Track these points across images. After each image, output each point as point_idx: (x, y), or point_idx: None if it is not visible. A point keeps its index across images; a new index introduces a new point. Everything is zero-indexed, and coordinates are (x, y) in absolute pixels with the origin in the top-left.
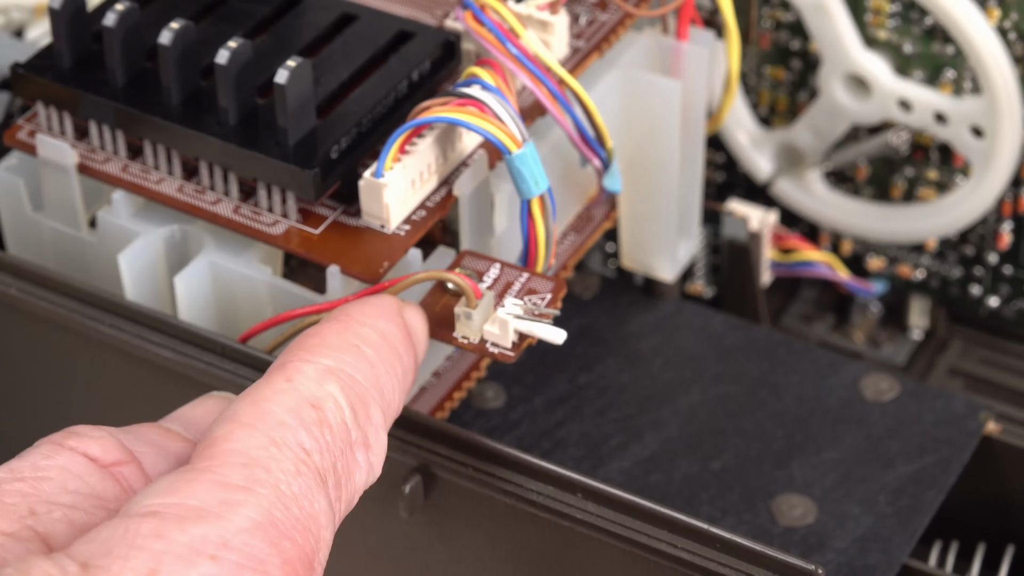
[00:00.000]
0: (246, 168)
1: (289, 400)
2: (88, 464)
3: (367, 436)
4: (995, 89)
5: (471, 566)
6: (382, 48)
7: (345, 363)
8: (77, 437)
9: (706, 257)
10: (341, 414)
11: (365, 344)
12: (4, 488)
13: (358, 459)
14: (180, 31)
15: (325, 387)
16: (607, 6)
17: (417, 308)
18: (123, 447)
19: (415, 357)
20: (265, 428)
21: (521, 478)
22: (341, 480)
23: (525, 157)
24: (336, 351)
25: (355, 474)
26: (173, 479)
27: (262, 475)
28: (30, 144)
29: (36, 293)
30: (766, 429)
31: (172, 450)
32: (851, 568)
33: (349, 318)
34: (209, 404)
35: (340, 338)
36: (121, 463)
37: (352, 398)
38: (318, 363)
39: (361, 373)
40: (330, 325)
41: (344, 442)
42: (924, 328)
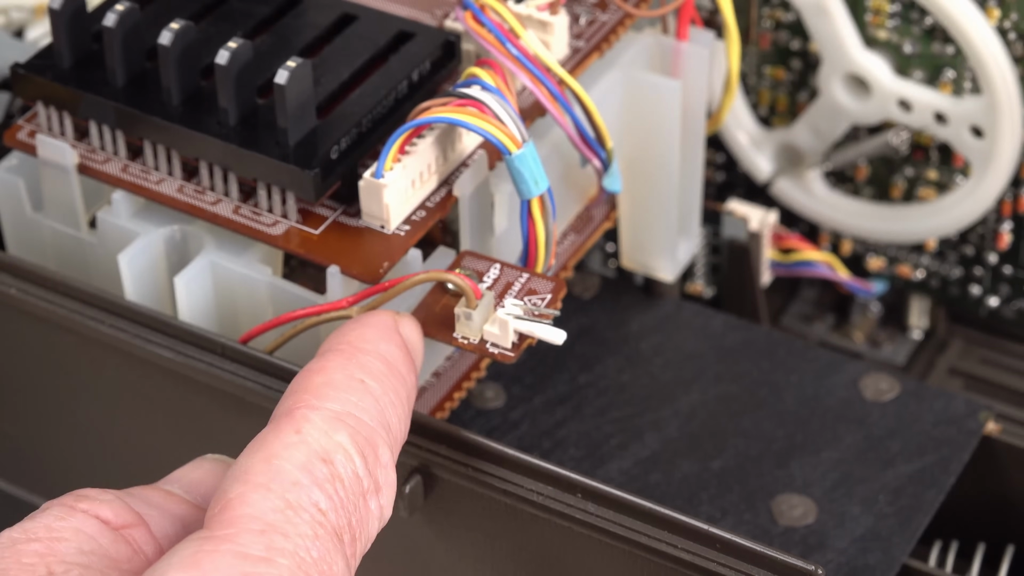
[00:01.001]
0: (246, 168)
1: (300, 455)
2: (100, 526)
3: (377, 481)
4: (995, 89)
5: (471, 566)
6: (382, 48)
7: (351, 404)
8: (88, 500)
9: (706, 257)
10: (352, 465)
11: (369, 376)
12: (20, 548)
13: (371, 507)
14: (180, 31)
15: (334, 437)
16: (607, 6)
17: (411, 319)
18: (131, 510)
19: (416, 372)
20: (279, 489)
21: (521, 478)
22: (356, 534)
23: (525, 157)
24: (342, 391)
25: (369, 524)
26: (193, 551)
27: (281, 543)
28: (30, 144)
29: (36, 293)
30: (766, 429)
31: (176, 512)
32: (851, 568)
33: (350, 347)
34: (206, 466)
35: (344, 374)
36: (130, 526)
37: (361, 444)
38: (325, 409)
39: (368, 413)
40: (333, 359)
41: (357, 494)
42: (924, 328)
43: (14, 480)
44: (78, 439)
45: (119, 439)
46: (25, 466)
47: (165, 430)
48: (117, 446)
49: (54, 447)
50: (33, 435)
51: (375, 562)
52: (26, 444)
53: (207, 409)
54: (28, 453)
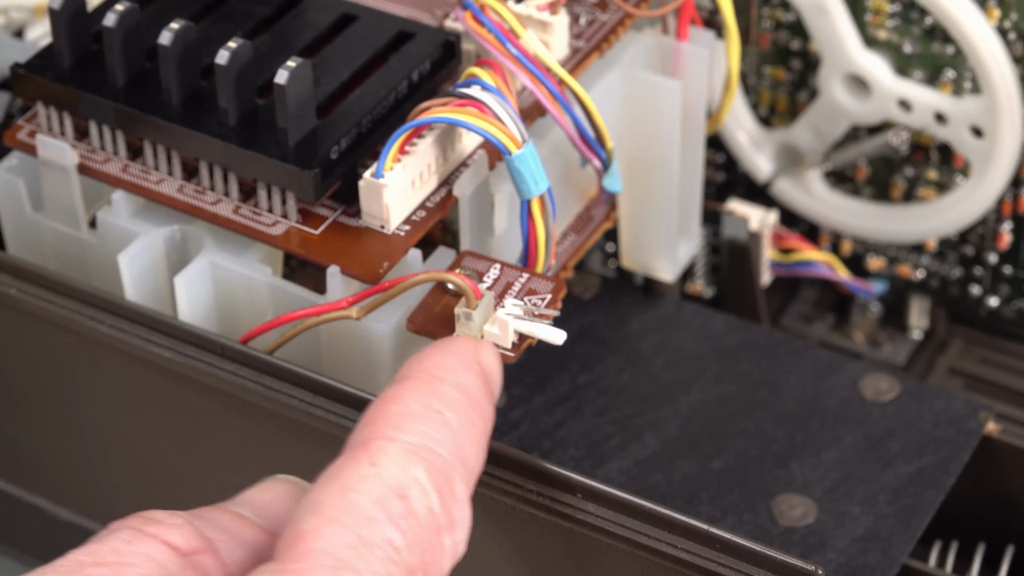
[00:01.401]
0: (246, 168)
1: (375, 489)
2: (169, 552)
3: (452, 517)
4: (995, 89)
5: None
6: (382, 48)
7: (428, 437)
8: (157, 524)
9: (706, 257)
10: (428, 501)
11: (447, 408)
12: (88, 572)
13: (444, 544)
14: (180, 31)
15: (410, 472)
16: (607, 6)
17: (490, 347)
18: (200, 535)
19: (494, 403)
20: (353, 524)
21: (521, 478)
22: (429, 571)
23: (525, 157)
24: (418, 423)
25: (442, 562)
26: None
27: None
28: (30, 144)
29: (36, 293)
30: (766, 429)
31: (246, 538)
32: (851, 568)
33: (428, 375)
34: (279, 488)
35: (421, 404)
36: (199, 552)
37: (437, 479)
38: (402, 441)
39: (445, 446)
40: (409, 387)
41: (431, 531)
42: (924, 328)
43: (14, 480)
44: (78, 439)
45: (119, 439)
46: (25, 466)
47: (165, 430)
48: (117, 446)
49: (54, 447)
50: (33, 435)
51: None
52: (26, 444)
53: (207, 409)
54: (28, 453)
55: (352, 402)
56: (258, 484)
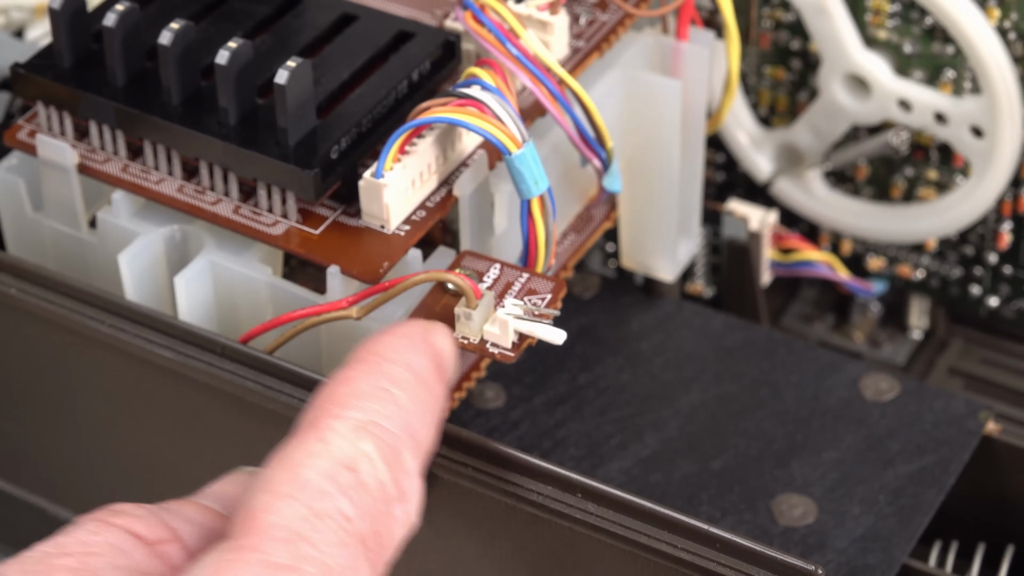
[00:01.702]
0: (246, 168)
1: (324, 464)
2: (134, 541)
3: (403, 488)
4: (995, 89)
5: (471, 566)
6: (382, 48)
7: (376, 413)
8: (122, 515)
9: (706, 257)
10: (377, 473)
11: (395, 386)
12: (53, 563)
13: (396, 515)
14: (180, 31)
15: (359, 445)
16: (607, 6)
17: (443, 330)
18: (165, 525)
19: (445, 384)
20: (305, 498)
21: (521, 478)
22: (382, 540)
23: (525, 157)
24: (366, 400)
25: (395, 532)
26: (216, 560)
27: (307, 550)
28: (30, 144)
29: (36, 293)
30: (766, 429)
31: (211, 526)
32: (851, 568)
33: (377, 356)
34: (242, 479)
35: (369, 383)
36: (164, 541)
37: (386, 453)
38: (350, 418)
39: (393, 421)
40: (358, 368)
41: (382, 502)
42: (924, 328)
43: (14, 480)
44: (78, 439)
45: (119, 439)
46: (25, 466)
47: (165, 430)
48: (117, 446)
49: (54, 447)
50: (33, 435)
51: None
52: (26, 444)
53: (207, 409)
54: (28, 453)
55: None
56: (222, 477)
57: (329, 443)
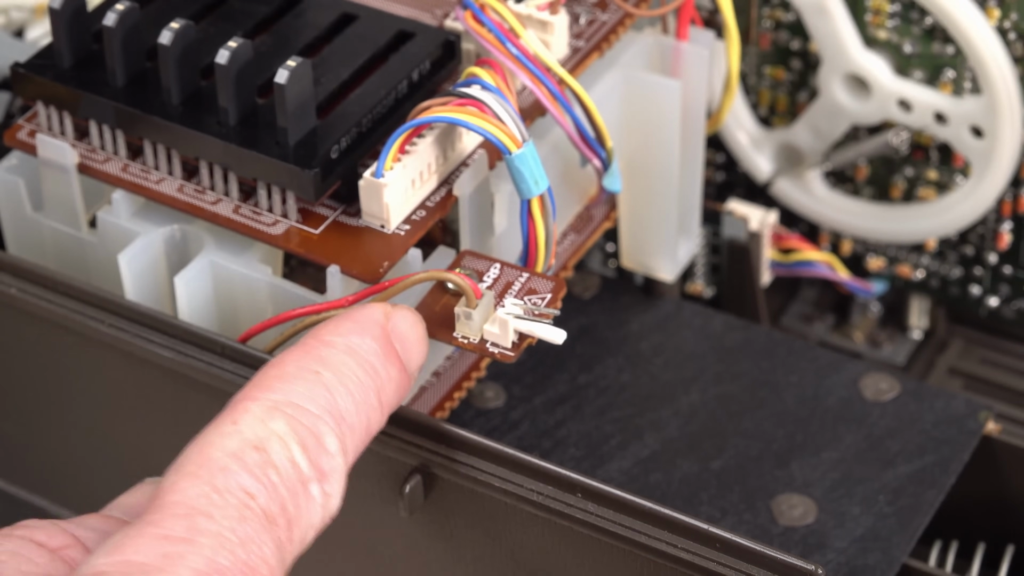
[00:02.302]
0: (246, 168)
1: (232, 444)
2: (37, 548)
3: (321, 468)
4: (995, 89)
5: (471, 566)
6: (382, 48)
7: (295, 394)
8: (25, 527)
9: (706, 257)
10: (288, 452)
11: (325, 367)
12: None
13: (312, 494)
14: (180, 31)
15: (270, 425)
16: (607, 6)
17: (408, 312)
18: (67, 533)
19: (399, 366)
20: (207, 475)
21: (521, 478)
22: (292, 519)
23: (525, 157)
24: (288, 382)
25: (309, 511)
26: (120, 537)
27: (204, 524)
28: (30, 144)
29: (36, 293)
30: (766, 429)
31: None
32: (851, 568)
33: (316, 340)
34: (144, 489)
35: (297, 366)
36: (67, 547)
37: (301, 432)
38: (265, 399)
39: (314, 402)
40: (292, 353)
41: (294, 480)
42: (924, 328)
43: (14, 480)
44: (78, 439)
45: (119, 439)
46: (25, 466)
47: (165, 430)
48: (117, 446)
49: (54, 447)
50: (33, 435)
51: (375, 562)
52: (26, 444)
53: (207, 408)
54: (28, 453)
55: None
56: (129, 490)
57: (240, 424)
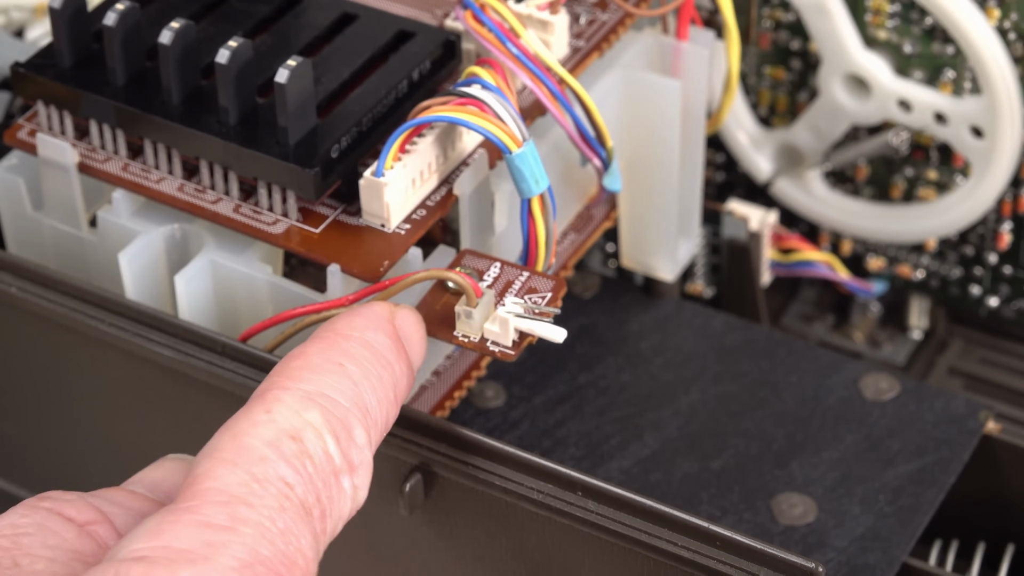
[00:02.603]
0: (246, 167)
1: (268, 433)
2: (64, 522)
3: (351, 460)
4: (995, 89)
5: (471, 564)
6: (382, 48)
7: (326, 385)
8: (51, 500)
9: (706, 257)
10: (323, 443)
11: (349, 361)
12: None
13: (343, 486)
14: (180, 30)
15: (304, 416)
16: (607, 6)
17: (410, 311)
18: (94, 508)
19: (407, 363)
20: (246, 464)
21: (521, 476)
22: (326, 511)
23: (525, 156)
24: (317, 373)
25: (340, 502)
26: (157, 521)
27: (245, 513)
28: (30, 143)
29: (36, 292)
30: (766, 428)
31: (140, 509)
32: (851, 567)
33: (335, 333)
34: (168, 465)
35: (323, 358)
36: (94, 522)
37: (334, 424)
38: (297, 390)
39: (343, 394)
40: (314, 344)
41: (328, 472)
42: (924, 328)
43: (14, 479)
44: (78, 438)
45: (119, 438)
46: (25, 465)
47: (165, 429)
48: (117, 445)
49: (54, 446)
50: (33, 434)
51: (375, 560)
52: (26, 443)
53: (207, 407)
54: (28, 452)
55: None
56: (151, 464)
57: (274, 413)
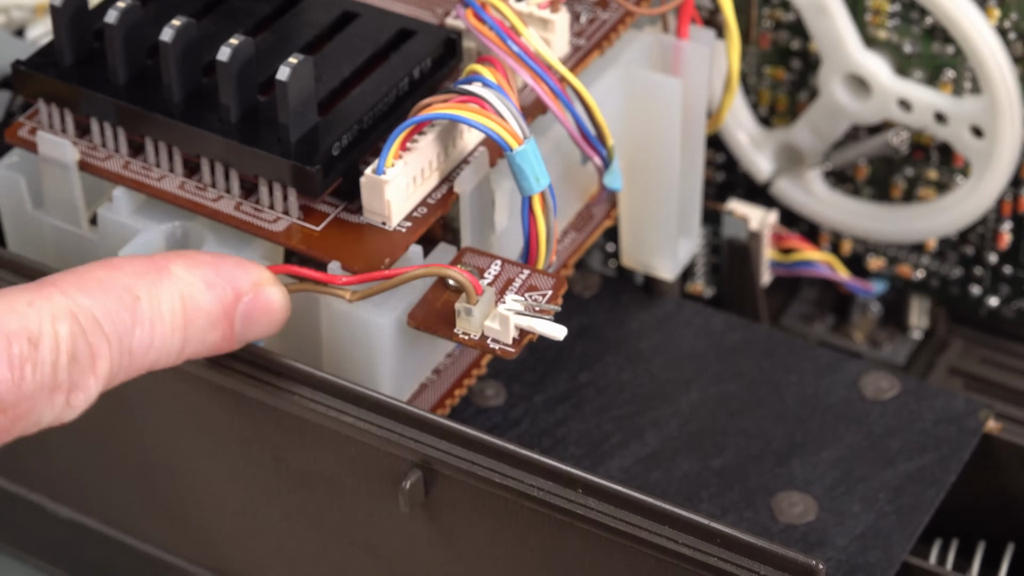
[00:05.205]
0: (247, 165)
1: (12, 324)
2: None
3: (77, 382)
4: (995, 89)
5: (471, 562)
6: (383, 46)
7: (101, 309)
8: None
9: (706, 257)
10: (54, 356)
11: (150, 299)
12: None
13: (55, 401)
14: (181, 28)
15: (56, 326)
16: (608, 4)
17: (279, 293)
18: None
19: (225, 333)
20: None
21: (521, 473)
22: (19, 416)
23: (526, 154)
24: (106, 294)
25: (40, 413)
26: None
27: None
28: (31, 141)
29: None
30: (766, 428)
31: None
32: (851, 566)
33: (164, 263)
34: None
35: (125, 284)
36: None
37: (79, 345)
38: (70, 299)
39: (114, 325)
40: (132, 265)
41: (44, 383)
42: (924, 328)
43: (14, 479)
44: (77, 437)
45: (118, 436)
46: (25, 464)
47: (165, 428)
48: (117, 444)
49: (53, 445)
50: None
51: (375, 558)
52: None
53: (207, 407)
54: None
55: (352, 398)
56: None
57: (34, 308)
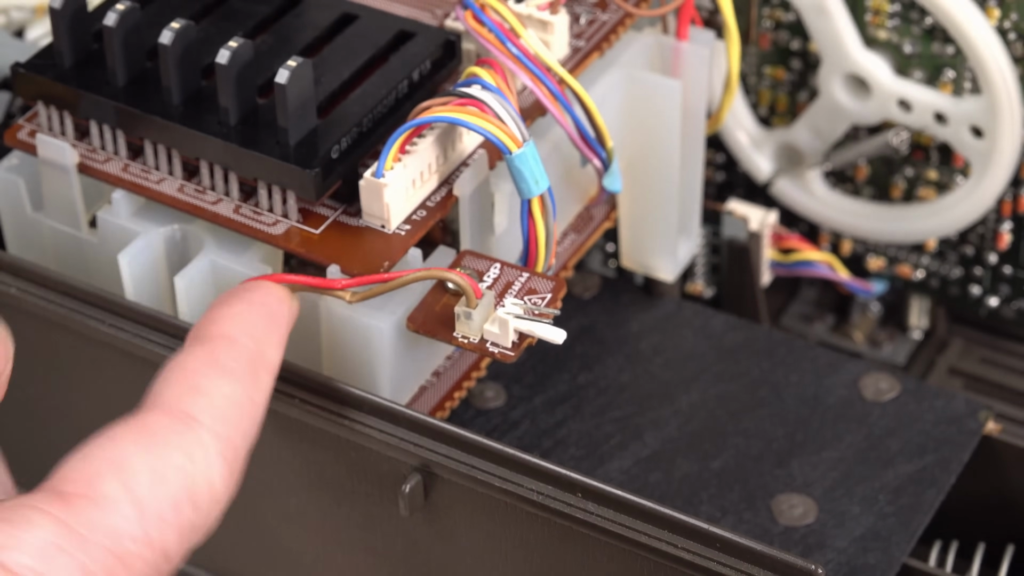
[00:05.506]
0: (247, 168)
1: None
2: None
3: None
4: (995, 89)
5: (471, 565)
6: (382, 48)
7: None
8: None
9: (706, 257)
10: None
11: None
12: None
13: None
14: (181, 31)
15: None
16: (607, 6)
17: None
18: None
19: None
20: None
21: (521, 477)
22: None
23: (525, 157)
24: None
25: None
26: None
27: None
28: (30, 144)
29: (36, 293)
30: (766, 428)
31: None
32: (851, 567)
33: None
34: None
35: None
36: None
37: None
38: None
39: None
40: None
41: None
42: (924, 328)
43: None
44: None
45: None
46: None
47: None
48: None
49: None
50: (33, 435)
51: (375, 561)
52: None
53: None
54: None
55: (352, 402)
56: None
57: (194, 460)
